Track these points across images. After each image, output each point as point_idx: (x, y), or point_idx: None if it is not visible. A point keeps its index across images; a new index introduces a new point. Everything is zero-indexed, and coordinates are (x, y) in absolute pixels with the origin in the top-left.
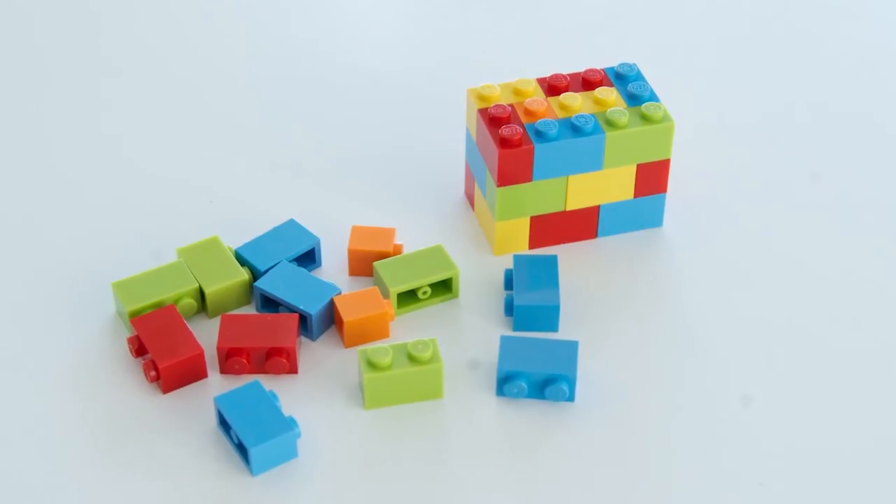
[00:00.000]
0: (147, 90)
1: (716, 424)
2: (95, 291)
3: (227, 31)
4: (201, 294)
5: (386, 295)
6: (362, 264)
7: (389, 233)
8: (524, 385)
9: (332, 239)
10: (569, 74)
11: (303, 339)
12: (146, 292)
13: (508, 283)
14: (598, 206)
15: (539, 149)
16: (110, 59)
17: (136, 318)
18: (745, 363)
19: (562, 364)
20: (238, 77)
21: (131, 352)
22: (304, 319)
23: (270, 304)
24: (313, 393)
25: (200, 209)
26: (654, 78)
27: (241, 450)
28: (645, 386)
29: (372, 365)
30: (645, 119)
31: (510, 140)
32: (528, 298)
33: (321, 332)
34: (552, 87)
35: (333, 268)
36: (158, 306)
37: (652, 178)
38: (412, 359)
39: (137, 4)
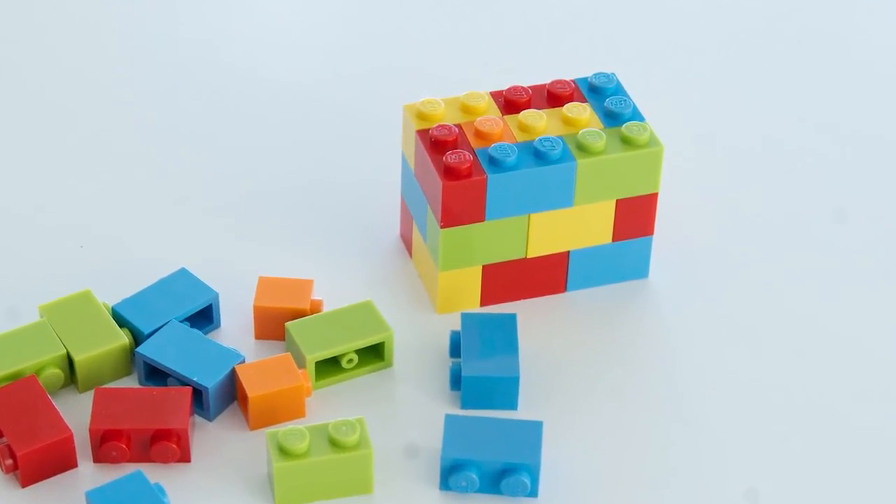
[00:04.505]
0: None
1: None
2: None
3: (98, 32)
4: (70, 363)
5: (301, 364)
6: (272, 325)
7: (305, 285)
8: (475, 477)
9: (234, 293)
10: (531, 87)
11: (197, 418)
12: (0, 360)
13: (455, 349)
14: (568, 253)
15: (493, 180)
16: None
17: None
18: (750, 449)
19: (522, 450)
20: (113, 89)
21: None
22: (198, 394)
23: (157, 375)
24: (210, 486)
25: (67, 255)
26: (638, 91)
27: None
28: (624, 478)
29: (284, 451)
30: (626, 143)
31: (457, 169)
32: (480, 368)
33: (220, 411)
34: (510, 102)
35: (235, 329)
36: (15, 378)
37: (635, 218)
38: (335, 444)
39: None
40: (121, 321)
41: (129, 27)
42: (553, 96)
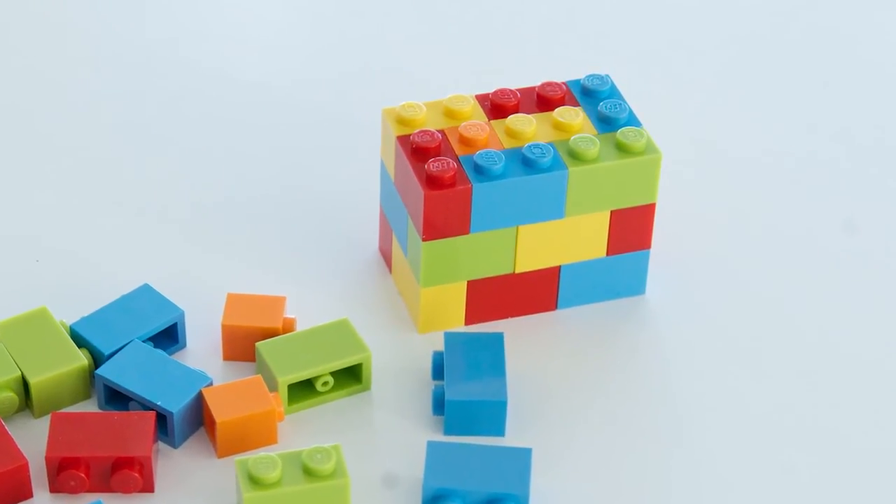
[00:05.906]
0: None
1: None
2: None
3: (58, 30)
4: (24, 385)
5: (273, 387)
6: (241, 345)
7: (277, 303)
8: None
9: (201, 311)
10: (519, 89)
11: (161, 445)
12: None
13: (438, 371)
14: (559, 268)
15: (479, 190)
16: None
17: None
18: (754, 477)
19: (509, 479)
20: (73, 91)
21: None
22: (162, 419)
23: (118, 398)
24: None
25: (22, 270)
26: (634, 94)
27: None
28: None
29: (254, 481)
30: (622, 150)
31: (440, 178)
32: (465, 392)
33: (186, 437)
34: (497, 106)
35: (202, 350)
36: None
37: (631, 230)
38: (309, 472)
39: None
40: (79, 341)
41: (90, 25)
42: (543, 100)
